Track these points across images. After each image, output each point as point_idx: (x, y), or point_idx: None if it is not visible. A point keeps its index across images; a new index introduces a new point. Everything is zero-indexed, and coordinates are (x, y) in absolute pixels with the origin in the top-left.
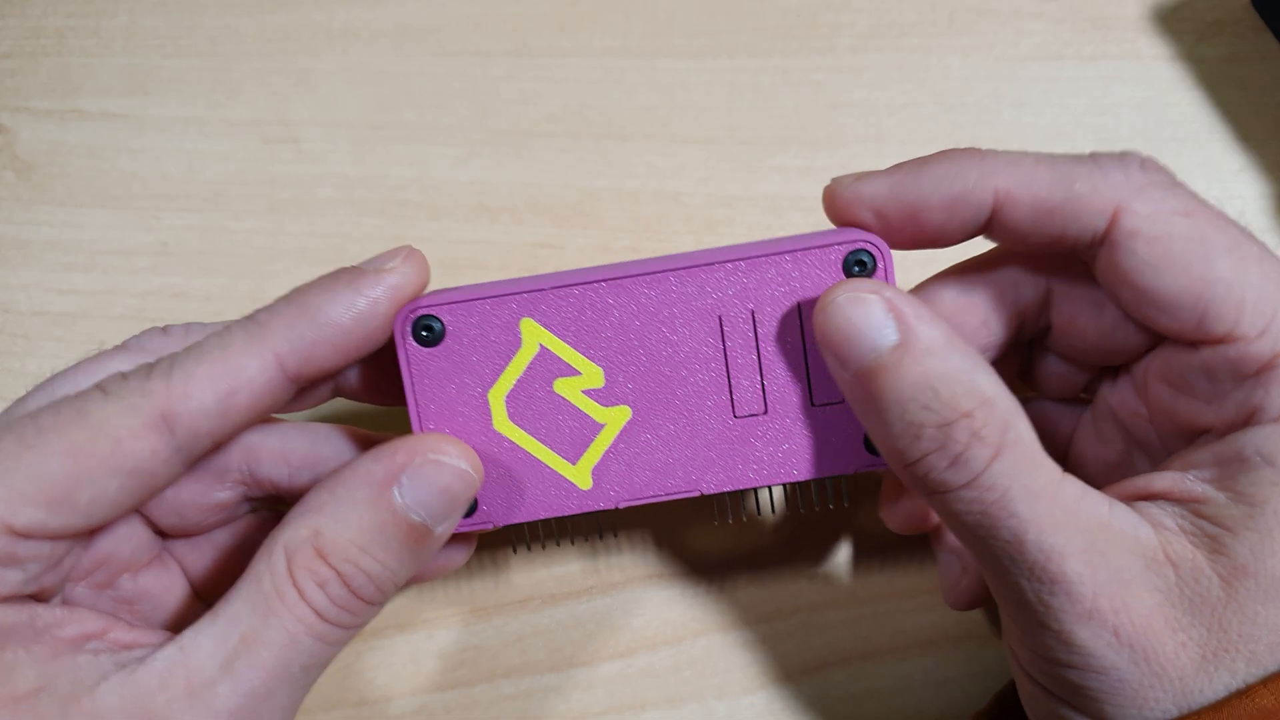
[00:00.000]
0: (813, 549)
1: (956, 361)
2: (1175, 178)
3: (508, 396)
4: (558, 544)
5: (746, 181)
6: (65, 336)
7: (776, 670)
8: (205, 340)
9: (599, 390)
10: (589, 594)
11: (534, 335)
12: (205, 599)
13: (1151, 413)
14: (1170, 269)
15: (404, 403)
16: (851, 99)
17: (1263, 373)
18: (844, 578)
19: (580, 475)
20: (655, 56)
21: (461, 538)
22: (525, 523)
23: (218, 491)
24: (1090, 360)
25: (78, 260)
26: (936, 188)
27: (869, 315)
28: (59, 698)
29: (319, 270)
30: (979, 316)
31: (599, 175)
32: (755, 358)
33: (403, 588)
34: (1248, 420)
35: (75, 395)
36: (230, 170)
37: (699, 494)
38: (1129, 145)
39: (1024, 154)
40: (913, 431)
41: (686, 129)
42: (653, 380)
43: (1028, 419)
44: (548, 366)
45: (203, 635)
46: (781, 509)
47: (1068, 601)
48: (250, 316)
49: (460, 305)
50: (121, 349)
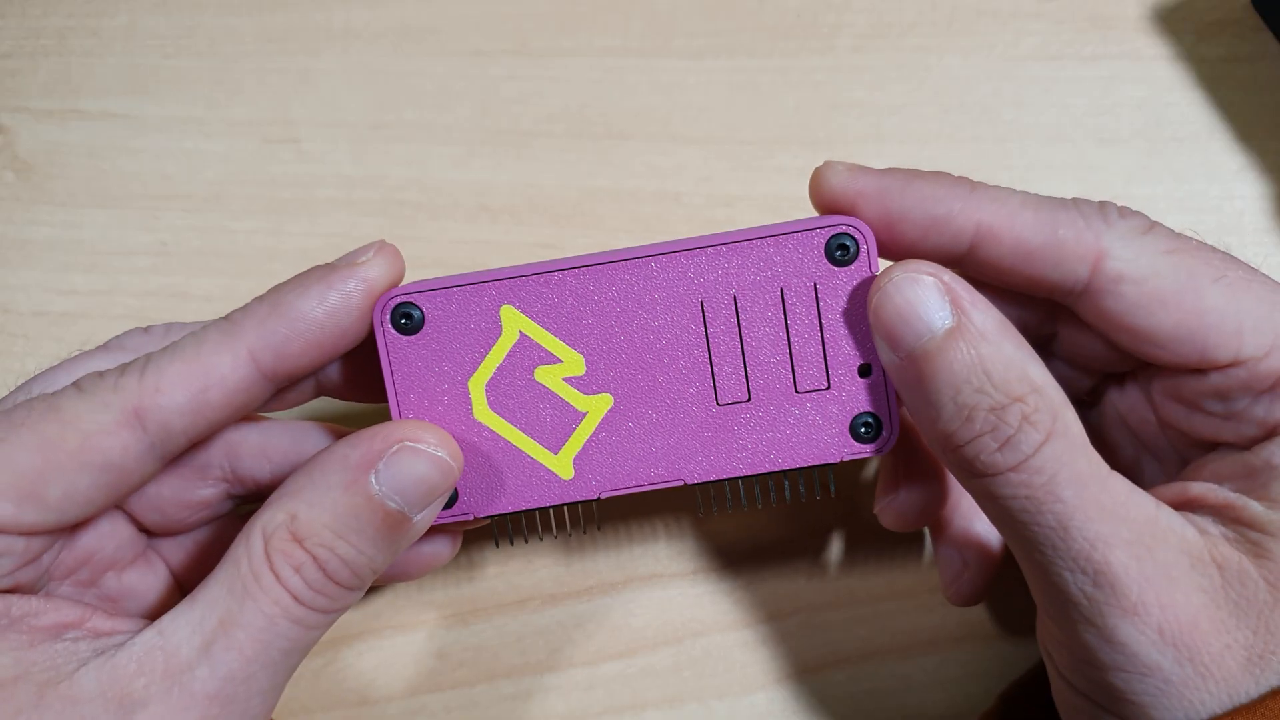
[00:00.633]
0: (813, 549)
1: (1009, 348)
2: (1152, 220)
3: (488, 385)
4: (540, 539)
5: (746, 181)
6: (65, 336)
7: (776, 670)
8: (181, 340)
9: (580, 378)
10: (589, 594)
11: (514, 322)
12: None
13: (1164, 427)
14: (1163, 307)
15: (386, 399)
16: (851, 99)
17: (1278, 386)
18: (844, 578)
19: (562, 465)
20: (655, 56)
21: (447, 531)
22: (508, 515)
23: (200, 488)
24: (1097, 367)
25: (78, 260)
26: (919, 204)
27: (925, 297)
28: (36, 684)
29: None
30: None
31: (599, 175)
32: (738, 344)
33: (394, 585)
34: (1271, 433)
35: (51, 394)
36: (230, 170)
37: (682, 484)
38: (1129, 145)
39: (1012, 192)
40: (964, 414)
41: (686, 129)
42: (634, 367)
43: (1075, 413)
44: (528, 354)
45: (181, 619)
46: (772, 503)
47: (1112, 595)
48: (226, 316)
49: (440, 293)
50: (102, 349)
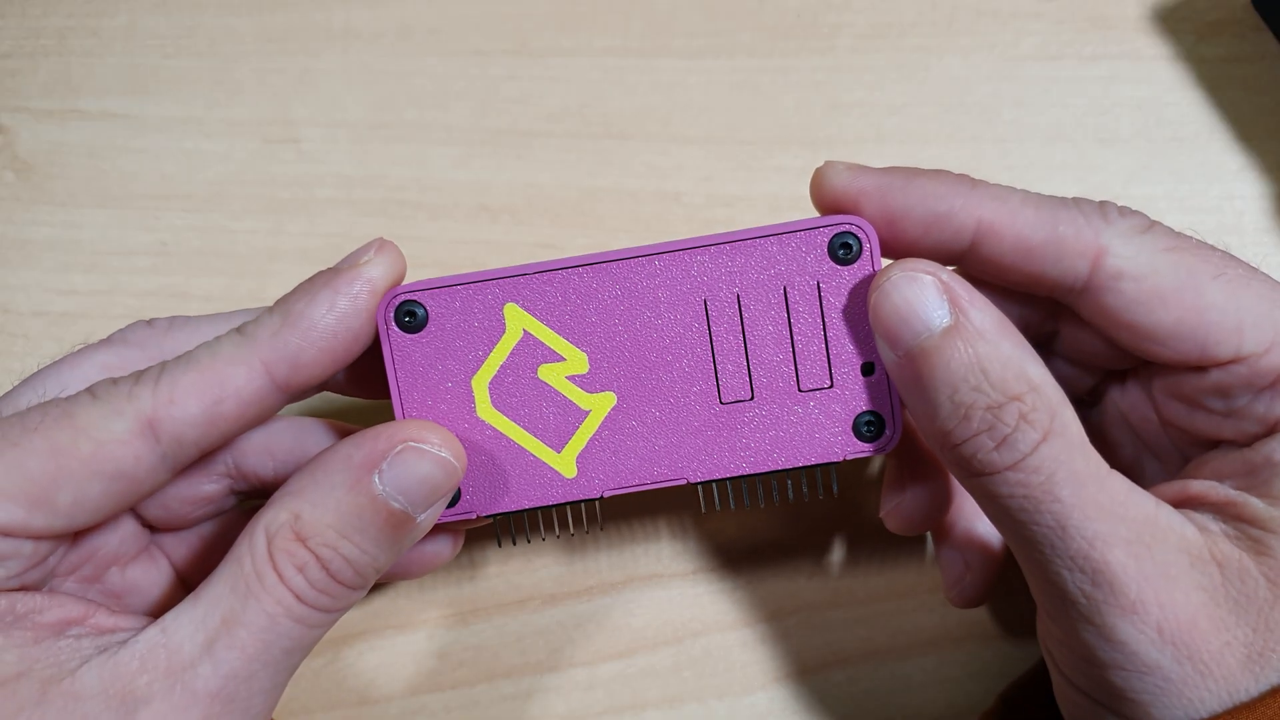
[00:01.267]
0: (813, 549)
1: (1007, 347)
2: (1152, 219)
3: (491, 383)
4: (543, 539)
5: (746, 181)
6: (65, 336)
7: (776, 670)
8: (195, 350)
9: (583, 376)
10: (589, 594)
11: (518, 320)
12: None
13: (1165, 425)
14: (1163, 304)
15: (389, 395)
16: (851, 99)
17: (1279, 383)
18: (844, 578)
19: (565, 463)
20: (655, 56)
21: (449, 530)
22: (511, 514)
23: (203, 484)
24: (1098, 365)
25: (78, 260)
26: (921, 202)
27: (923, 296)
28: (39, 681)
29: (319, 270)
30: None
31: (599, 175)
32: (741, 342)
33: (395, 585)
34: (1272, 430)
35: (65, 398)
36: (230, 170)
37: (685, 482)
38: (1129, 145)
39: (1012, 190)
40: (961, 412)
41: (686, 129)
42: (638, 366)
43: (1074, 411)
44: (531, 352)
45: (184, 617)
46: (774, 502)
47: (1110, 594)
48: (238, 328)
49: (443, 291)
50: (106, 343)
